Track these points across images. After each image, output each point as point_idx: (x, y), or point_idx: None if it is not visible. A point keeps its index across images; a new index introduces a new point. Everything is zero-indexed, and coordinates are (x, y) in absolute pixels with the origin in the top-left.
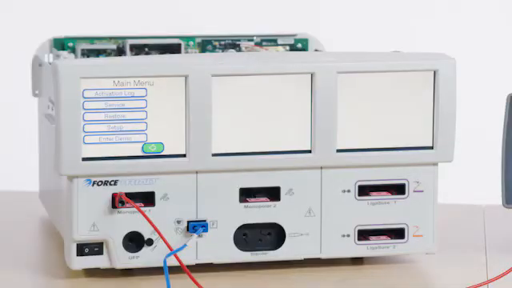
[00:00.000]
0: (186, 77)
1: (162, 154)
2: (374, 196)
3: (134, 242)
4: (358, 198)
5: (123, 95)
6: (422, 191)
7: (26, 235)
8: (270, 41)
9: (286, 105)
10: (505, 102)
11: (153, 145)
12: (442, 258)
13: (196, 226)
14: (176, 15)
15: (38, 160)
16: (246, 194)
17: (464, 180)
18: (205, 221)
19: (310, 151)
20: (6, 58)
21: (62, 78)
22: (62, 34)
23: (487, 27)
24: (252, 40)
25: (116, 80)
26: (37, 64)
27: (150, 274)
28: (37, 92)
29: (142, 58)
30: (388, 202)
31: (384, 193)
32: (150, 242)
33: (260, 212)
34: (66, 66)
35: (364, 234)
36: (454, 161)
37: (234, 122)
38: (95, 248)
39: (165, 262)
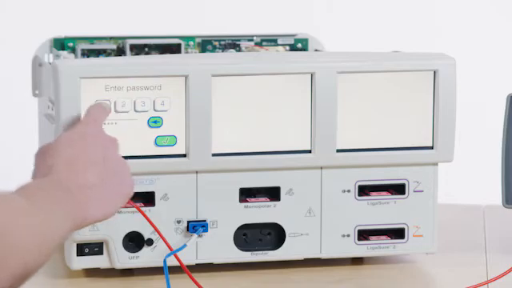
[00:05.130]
0: (186, 77)
1: (163, 153)
2: (374, 196)
3: (134, 242)
4: (358, 198)
5: (123, 95)
6: (421, 191)
7: None
8: (270, 41)
9: (285, 105)
10: (505, 101)
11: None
12: (442, 258)
13: (196, 226)
14: (176, 15)
15: None
16: (246, 194)
17: (464, 180)
18: (205, 221)
19: (309, 151)
20: (6, 58)
21: (62, 77)
22: (61, 33)
23: (487, 27)
24: (252, 40)
25: (115, 80)
26: (37, 64)
27: (150, 273)
28: (37, 92)
29: (142, 57)
30: (388, 202)
31: (384, 193)
32: (150, 242)
33: (260, 212)
34: (66, 66)
35: (364, 234)
36: (454, 161)
37: (233, 122)
38: (95, 248)
39: (165, 262)
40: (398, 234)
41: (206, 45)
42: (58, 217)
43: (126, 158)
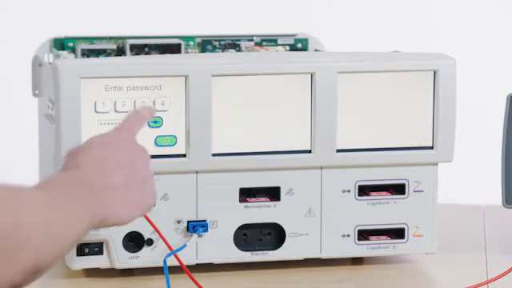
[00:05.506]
0: (186, 77)
1: (163, 153)
2: (374, 196)
3: (134, 242)
4: (358, 198)
5: (123, 95)
6: (421, 191)
7: None
8: (270, 41)
9: (286, 105)
10: (505, 101)
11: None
12: (442, 258)
13: (196, 226)
14: (176, 15)
15: (38, 160)
16: (246, 193)
17: (464, 180)
18: (205, 221)
19: (309, 151)
20: (6, 58)
21: (62, 77)
22: (62, 34)
23: (487, 27)
24: (252, 40)
25: (115, 80)
26: (37, 64)
27: (150, 273)
28: (37, 92)
29: (142, 57)
30: (388, 202)
31: (384, 193)
32: (150, 242)
33: (260, 212)
34: (66, 66)
35: (364, 234)
36: (454, 161)
37: (233, 122)
38: (95, 248)
39: (165, 261)
40: (397, 234)
41: (206, 45)
42: (74, 212)
43: None
